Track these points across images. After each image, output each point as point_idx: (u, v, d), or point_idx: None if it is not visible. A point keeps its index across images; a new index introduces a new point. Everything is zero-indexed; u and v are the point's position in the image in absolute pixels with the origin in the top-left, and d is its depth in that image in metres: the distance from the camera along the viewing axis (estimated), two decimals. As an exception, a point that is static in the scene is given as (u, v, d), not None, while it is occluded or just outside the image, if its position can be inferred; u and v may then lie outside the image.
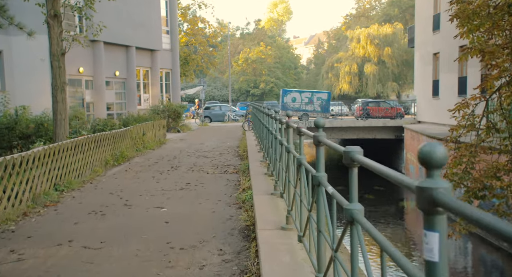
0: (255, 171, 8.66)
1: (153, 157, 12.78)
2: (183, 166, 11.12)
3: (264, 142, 9.87)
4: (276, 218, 5.12)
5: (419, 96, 28.82)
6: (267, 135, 8.94)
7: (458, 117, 10.91)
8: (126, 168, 10.82)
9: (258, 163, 9.70)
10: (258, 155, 11.09)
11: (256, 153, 11.60)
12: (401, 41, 49.83)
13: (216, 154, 13.45)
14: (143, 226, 5.65)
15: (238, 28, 70.11)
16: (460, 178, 10.52)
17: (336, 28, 69.43)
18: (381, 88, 50.18)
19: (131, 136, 12.76)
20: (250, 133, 19.14)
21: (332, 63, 54.28)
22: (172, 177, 9.54)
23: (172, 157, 12.91)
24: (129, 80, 22.73)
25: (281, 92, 36.64)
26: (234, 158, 12.40)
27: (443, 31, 24.04)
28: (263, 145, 10.60)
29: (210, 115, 37.01)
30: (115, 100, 22.41)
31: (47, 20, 10.64)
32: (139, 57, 23.50)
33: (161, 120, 17.80)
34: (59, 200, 7.17)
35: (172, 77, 26.90)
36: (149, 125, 15.47)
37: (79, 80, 19.90)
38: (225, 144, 16.44)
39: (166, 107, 23.06)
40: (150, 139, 15.53)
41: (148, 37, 23.91)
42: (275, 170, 6.87)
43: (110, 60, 21.35)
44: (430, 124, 25.65)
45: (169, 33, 26.73)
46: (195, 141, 18.19)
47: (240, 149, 14.09)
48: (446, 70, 23.83)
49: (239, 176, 9.25)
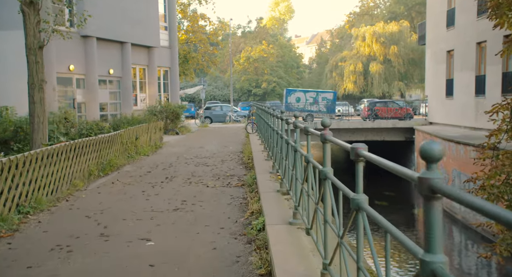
0: (265, 186, 7.17)
1: (146, 165, 11.30)
2: (179, 176, 9.64)
3: (274, 150, 8.39)
4: (302, 268, 3.64)
5: (431, 96, 27.38)
6: (278, 140, 7.49)
7: (498, 120, 9.41)
8: (113, 179, 9.34)
9: (267, 175, 8.21)
10: (266, 164, 9.60)
11: (264, 161, 10.12)
12: (407, 39, 48.31)
13: (218, 161, 11.98)
14: (119, 273, 4.17)
15: (240, 26, 68.63)
16: (501, 191, 9.06)
17: (339, 27, 68.02)
18: (387, 87, 48.65)
19: (121, 141, 11.27)
20: (254, 136, 17.65)
21: (336, 62, 52.77)
22: (165, 191, 8.06)
23: (167, 164, 11.43)
24: (124, 79, 21.25)
25: (285, 91, 35.19)
26: (238, 166, 10.92)
27: (458, 27, 22.58)
28: (272, 152, 9.14)
29: (211, 115, 35.60)
30: (109, 100, 20.94)
31: (22, 8, 9.17)
32: (135, 54, 22.02)
33: (157, 122, 16.32)
34: (19, 228, 5.68)
35: (171, 75, 25.40)
36: (143, 128, 14.00)
37: (69, 79, 18.42)
38: (227, 149, 14.97)
39: (164, 108, 21.59)
40: (144, 144, 14.05)
41: (145, 33, 22.43)
42: (292, 189, 5.40)
43: (104, 57, 19.88)
44: (442, 126, 24.27)
45: (167, 29, 25.23)
46: (195, 144, 16.72)
47: (244, 155, 12.60)
48: (461, 68, 22.37)
49: (245, 192, 7.77)
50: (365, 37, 48.94)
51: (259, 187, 7.19)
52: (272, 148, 9.02)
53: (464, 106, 21.96)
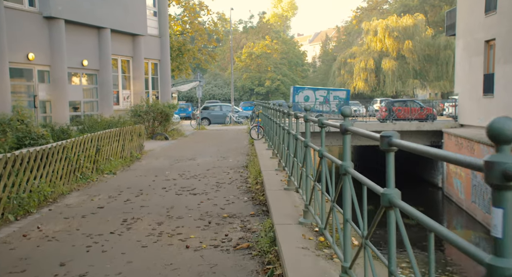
0: (297, 259, 3.48)
1: (104, 192, 7.58)
2: (146, 218, 5.93)
3: (299, 174, 4.74)
4: None
5: (462, 94, 23.78)
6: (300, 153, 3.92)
7: None
8: (32, 226, 5.61)
9: (294, 222, 4.52)
10: (287, 197, 5.89)
11: (282, 190, 6.40)
12: (422, 34, 44.58)
13: (211, 184, 8.26)
14: None
15: (241, 22, 64.86)
16: None
17: (346, 23, 64.54)
18: (401, 85, 44.90)
19: (67, 156, 7.54)
20: (260, 143, 13.88)
21: (345, 58, 49.12)
22: (107, 261, 4.36)
23: (136, 190, 7.71)
24: (102, 72, 17.54)
25: (292, 89, 31.52)
26: (241, 196, 7.19)
27: (501, 12, 18.90)
28: (297, 176, 5.53)
29: (209, 116, 31.95)
30: (84, 98, 17.24)
31: None
32: (117, 42, 18.32)
33: (136, 126, 12.60)
34: None
35: (161, 69, 21.67)
36: (111, 134, 10.27)
37: (28, 71, 14.71)
38: (226, 162, 11.27)
39: (150, 108, 17.90)
40: (114, 155, 10.34)
41: (129, 18, 18.73)
42: None
43: (75, 45, 16.20)
44: (477, 128, 20.67)
45: (156, 15, 21.50)
46: (185, 154, 13.02)
47: (249, 175, 8.86)
48: (505, 60, 18.70)
49: (258, 264, 4.06)
50: (377, 31, 45.29)
51: (284, 260, 3.51)
52: (292, 166, 5.59)
53: (508, 106, 18.33)
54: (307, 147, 5.08)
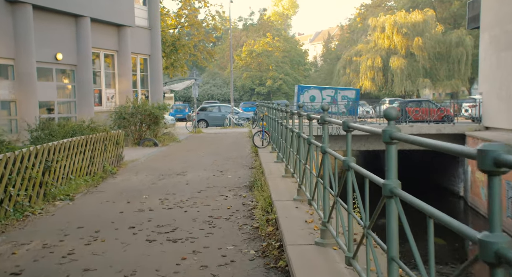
0: None
1: (38, 236, 5.05)
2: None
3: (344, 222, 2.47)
4: None
5: (487, 94, 21.41)
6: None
7: None
8: None
9: None
10: (322, 260, 3.44)
11: (306, 233, 3.93)
12: (432, 30, 42.09)
13: (202, 219, 5.76)
14: None
15: (241, 19, 62.31)
16: None
17: (349, 20, 62.18)
18: (410, 85, 42.35)
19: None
20: (266, 153, 11.32)
21: (350, 56, 46.64)
22: None
23: (91, 232, 5.20)
24: (81, 68, 15.05)
25: (297, 88, 29.10)
26: (245, 245, 4.66)
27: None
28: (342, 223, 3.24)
29: (207, 118, 29.49)
30: (58, 97, 14.76)
31: None
32: (99, 34, 15.83)
33: (112, 132, 10.10)
34: None
35: (151, 66, 19.16)
36: (74, 143, 7.78)
37: (-14, 65, 12.23)
38: (224, 178, 8.79)
39: (137, 109, 15.43)
40: (76, 172, 7.85)
41: (113, 5, 16.24)
42: None
43: (47, 35, 13.72)
44: (507, 132, 18.34)
45: (146, 4, 19.01)
46: (173, 166, 10.53)
47: (256, 202, 6.37)
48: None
49: None
50: (385, 27, 42.79)
51: None
52: (333, 208, 3.43)
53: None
54: (349, 170, 3.42)
